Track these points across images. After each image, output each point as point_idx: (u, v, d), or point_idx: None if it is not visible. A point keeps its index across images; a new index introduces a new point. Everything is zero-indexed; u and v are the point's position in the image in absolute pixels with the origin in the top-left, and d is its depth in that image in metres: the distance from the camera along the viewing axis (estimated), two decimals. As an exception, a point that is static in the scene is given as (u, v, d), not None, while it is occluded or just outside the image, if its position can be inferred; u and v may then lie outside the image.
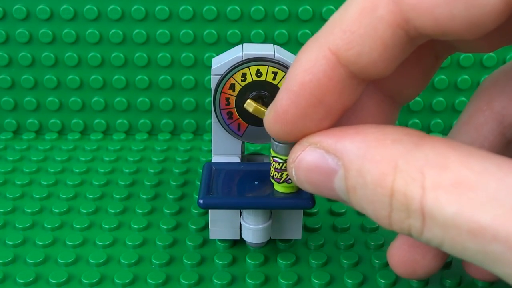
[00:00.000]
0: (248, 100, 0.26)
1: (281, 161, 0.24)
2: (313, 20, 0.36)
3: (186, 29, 0.36)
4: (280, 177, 0.24)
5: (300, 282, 0.26)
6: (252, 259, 0.27)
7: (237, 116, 0.27)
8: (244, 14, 0.36)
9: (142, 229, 0.29)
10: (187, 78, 0.37)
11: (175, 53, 0.36)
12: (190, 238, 0.29)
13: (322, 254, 0.28)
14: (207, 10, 0.35)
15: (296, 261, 0.27)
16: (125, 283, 0.26)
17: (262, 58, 0.26)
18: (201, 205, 0.24)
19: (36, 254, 0.27)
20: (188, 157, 0.36)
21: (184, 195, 0.32)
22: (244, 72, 0.26)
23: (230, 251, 0.28)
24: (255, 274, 0.26)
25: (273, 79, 0.26)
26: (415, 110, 0.38)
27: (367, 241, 0.29)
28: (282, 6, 0.35)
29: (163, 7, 0.35)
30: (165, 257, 0.27)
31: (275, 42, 0.36)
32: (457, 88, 0.37)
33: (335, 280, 0.26)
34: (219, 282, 0.26)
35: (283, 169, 0.24)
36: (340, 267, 0.27)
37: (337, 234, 0.29)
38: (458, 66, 0.37)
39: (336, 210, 0.31)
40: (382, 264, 0.27)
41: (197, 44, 0.36)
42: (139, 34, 0.36)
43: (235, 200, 0.25)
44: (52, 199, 0.32)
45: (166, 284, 0.26)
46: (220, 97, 0.26)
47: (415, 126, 0.38)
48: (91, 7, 0.35)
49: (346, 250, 0.28)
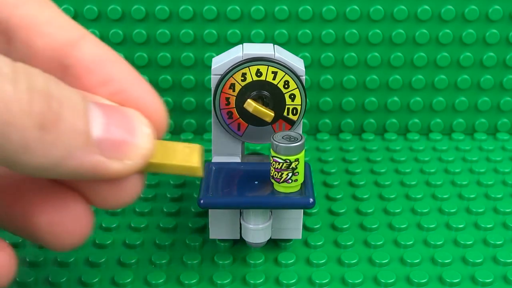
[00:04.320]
0: (248, 100, 0.26)
1: (281, 161, 0.24)
2: (313, 20, 0.36)
3: (186, 29, 0.36)
4: (280, 177, 0.24)
5: (300, 282, 0.26)
6: (252, 259, 0.27)
7: (237, 116, 0.27)
8: (244, 14, 0.36)
9: (142, 229, 0.29)
10: (187, 78, 0.37)
11: (175, 53, 0.36)
12: (190, 238, 0.29)
13: (322, 254, 0.28)
14: (207, 10, 0.35)
15: (296, 261, 0.27)
16: (125, 283, 0.26)
17: (262, 58, 0.26)
18: (202, 205, 0.24)
19: (36, 254, 0.27)
20: (188, 157, 0.36)
21: (184, 195, 0.32)
22: (244, 72, 0.26)
23: (230, 251, 0.28)
24: (255, 274, 0.26)
25: (273, 79, 0.26)
26: (415, 110, 0.38)
27: (367, 240, 0.29)
28: (282, 6, 0.35)
29: (163, 7, 0.35)
30: (165, 257, 0.27)
31: (275, 42, 0.36)
32: (457, 88, 0.37)
33: (335, 280, 0.26)
34: (219, 282, 0.26)
35: (283, 169, 0.24)
36: (340, 267, 0.27)
37: (337, 234, 0.29)
38: (458, 66, 0.37)
39: (336, 210, 0.31)
40: (382, 264, 0.27)
41: (197, 44, 0.36)
42: (139, 34, 0.36)
43: (235, 199, 0.25)
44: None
45: (166, 284, 0.26)
46: (220, 97, 0.26)
47: (415, 126, 0.38)
48: (91, 7, 0.35)
49: (346, 250, 0.28)
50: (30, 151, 0.18)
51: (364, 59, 0.37)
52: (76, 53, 0.21)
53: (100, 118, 0.20)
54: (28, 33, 0.21)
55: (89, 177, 0.20)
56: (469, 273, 0.27)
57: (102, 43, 0.22)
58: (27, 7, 0.21)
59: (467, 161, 0.35)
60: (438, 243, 0.28)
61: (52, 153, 0.18)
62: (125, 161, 0.20)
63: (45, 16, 0.21)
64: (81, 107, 0.19)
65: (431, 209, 0.31)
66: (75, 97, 0.19)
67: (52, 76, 0.19)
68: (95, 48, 0.21)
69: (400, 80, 0.37)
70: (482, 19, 0.36)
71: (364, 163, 0.35)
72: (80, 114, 0.19)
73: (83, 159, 0.19)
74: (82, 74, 0.21)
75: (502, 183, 0.33)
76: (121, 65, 0.21)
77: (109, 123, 0.20)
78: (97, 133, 0.19)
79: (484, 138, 0.38)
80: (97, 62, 0.21)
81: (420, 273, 0.26)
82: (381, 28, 0.36)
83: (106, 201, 0.21)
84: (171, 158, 0.21)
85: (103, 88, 0.21)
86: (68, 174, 0.19)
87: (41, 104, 0.18)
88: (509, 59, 0.37)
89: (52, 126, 0.18)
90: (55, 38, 0.21)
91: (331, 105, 0.37)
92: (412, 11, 0.36)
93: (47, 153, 0.18)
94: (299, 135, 0.24)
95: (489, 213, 0.31)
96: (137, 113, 0.21)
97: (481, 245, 0.29)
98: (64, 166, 0.19)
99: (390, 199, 0.32)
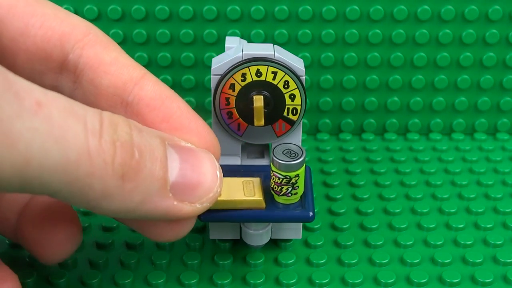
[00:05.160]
0: (259, 96, 0.26)
1: (281, 176, 0.24)
2: (313, 20, 0.36)
3: (186, 29, 0.36)
4: (280, 191, 0.24)
5: (300, 282, 0.26)
6: (252, 259, 0.27)
7: (237, 116, 0.27)
8: (244, 14, 0.36)
9: (142, 229, 0.29)
10: (187, 78, 0.37)
11: (175, 53, 0.36)
12: (190, 238, 0.29)
13: (322, 254, 0.28)
14: (207, 10, 0.35)
15: (296, 261, 0.27)
16: (125, 283, 0.26)
17: (262, 58, 0.26)
18: (201, 219, 0.24)
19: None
20: (188, 157, 0.36)
21: (184, 195, 0.32)
22: (244, 72, 0.26)
23: (230, 251, 0.28)
24: (255, 274, 0.26)
25: (273, 79, 0.26)
26: (415, 110, 0.38)
27: (367, 240, 0.29)
28: (282, 6, 0.35)
29: (163, 7, 0.35)
30: (165, 257, 0.27)
31: (275, 42, 0.36)
32: (457, 88, 0.37)
33: (335, 280, 0.26)
34: (219, 282, 0.26)
35: (283, 183, 0.24)
36: (340, 267, 0.27)
37: (337, 234, 0.29)
38: (458, 66, 0.37)
39: (336, 210, 0.31)
40: (382, 264, 0.27)
41: (197, 44, 0.36)
42: (139, 34, 0.36)
43: (235, 213, 0.24)
44: (52, 199, 0.32)
45: (166, 284, 0.26)
46: (220, 97, 0.27)
47: (415, 126, 0.38)
48: (91, 7, 0.35)
49: (346, 250, 0.28)
50: (110, 198, 0.19)
51: (364, 59, 0.37)
52: (138, 91, 0.22)
53: (176, 163, 0.20)
54: (94, 73, 0.22)
55: (160, 218, 0.21)
56: (469, 273, 0.27)
57: (161, 82, 0.23)
58: (94, 49, 0.22)
59: (467, 161, 0.35)
60: (438, 243, 0.28)
61: (131, 199, 0.19)
62: (195, 204, 0.21)
63: (111, 56, 0.22)
64: (161, 154, 0.20)
65: (431, 209, 0.31)
66: (155, 143, 0.20)
67: (134, 123, 0.20)
68: (155, 86, 0.22)
69: (400, 80, 0.37)
70: (482, 19, 0.36)
71: (364, 163, 0.35)
72: (159, 161, 0.20)
73: (159, 204, 0.20)
74: (143, 111, 0.22)
75: (502, 183, 0.33)
76: (179, 102, 0.23)
77: (184, 168, 0.21)
78: (172, 178, 0.20)
79: (484, 138, 0.38)
80: (158, 99, 0.22)
81: (420, 273, 0.26)
82: (381, 28, 0.36)
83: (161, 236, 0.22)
84: (235, 194, 0.24)
85: (164, 124, 0.22)
86: (141, 216, 0.20)
87: (123, 155, 0.19)
88: (509, 59, 0.37)
89: (133, 175, 0.19)
90: (119, 77, 0.22)
91: (331, 105, 0.37)
92: (412, 11, 0.36)
93: (126, 199, 0.19)
94: (299, 149, 0.24)
95: (489, 213, 0.31)
96: (210, 156, 0.22)
97: (481, 245, 0.29)
98: (140, 210, 0.20)
99: (390, 199, 0.32)
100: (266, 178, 0.25)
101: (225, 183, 0.24)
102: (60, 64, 0.22)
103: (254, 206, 0.24)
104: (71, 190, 0.18)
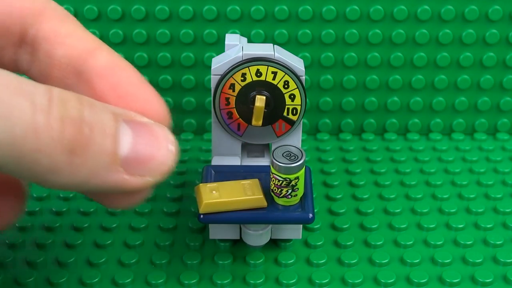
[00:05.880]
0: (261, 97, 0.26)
1: (281, 179, 0.24)
2: (313, 20, 0.36)
3: (186, 29, 0.36)
4: (279, 193, 0.24)
5: (300, 282, 0.26)
6: (252, 259, 0.27)
7: (237, 116, 0.27)
8: (244, 14, 0.36)
9: (142, 229, 0.29)
10: (187, 78, 0.37)
11: (175, 53, 0.36)
12: (190, 238, 0.29)
13: (322, 254, 0.28)
14: (207, 10, 0.35)
15: (296, 261, 0.27)
16: (125, 283, 0.26)
17: (262, 58, 0.26)
18: (201, 220, 0.24)
19: (36, 254, 0.27)
20: (188, 157, 0.36)
21: (184, 195, 0.32)
22: (244, 72, 0.26)
23: (230, 251, 0.28)
24: (255, 274, 0.26)
25: (272, 79, 0.26)
26: (415, 110, 0.38)
27: (367, 240, 0.29)
28: (282, 6, 0.35)
29: (163, 7, 0.35)
30: (165, 257, 0.27)
31: (275, 42, 0.36)
32: (457, 88, 0.37)
33: (335, 280, 0.26)
34: (219, 282, 0.26)
35: (283, 186, 0.24)
36: (340, 267, 0.27)
37: (337, 234, 0.29)
38: (458, 66, 0.37)
39: (336, 210, 0.31)
40: (382, 264, 0.27)
41: (197, 44, 0.36)
42: (139, 34, 0.36)
43: (235, 215, 0.24)
44: (51, 199, 0.32)
45: (166, 284, 0.26)
46: (220, 97, 0.27)
47: (415, 126, 0.38)
48: (91, 7, 0.35)
49: (346, 250, 0.28)
50: (58, 172, 0.19)
51: (364, 59, 0.37)
52: (91, 61, 0.22)
53: (128, 137, 0.20)
54: (50, 44, 0.23)
55: (112, 191, 0.21)
56: (469, 273, 0.27)
57: (116, 53, 0.23)
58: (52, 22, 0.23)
59: (467, 161, 0.35)
60: (438, 243, 0.28)
61: (79, 174, 0.19)
62: (146, 177, 0.21)
63: (67, 29, 0.23)
64: (112, 130, 0.20)
65: (431, 209, 0.31)
66: (107, 118, 0.20)
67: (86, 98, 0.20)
68: (108, 57, 0.23)
69: (400, 80, 0.37)
70: (482, 19, 0.36)
71: (364, 163, 0.35)
72: (110, 136, 0.20)
73: (107, 178, 0.20)
74: (94, 80, 0.22)
75: (502, 183, 0.33)
76: (129, 71, 0.23)
77: (136, 142, 0.21)
78: (123, 152, 0.20)
79: (484, 138, 0.38)
80: (108, 69, 0.22)
81: (420, 273, 0.26)
82: (381, 28, 0.36)
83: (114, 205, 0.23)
84: (236, 195, 0.24)
85: (112, 92, 0.22)
86: (92, 190, 0.20)
87: (72, 131, 0.19)
88: (509, 59, 0.37)
89: (81, 150, 0.19)
90: (74, 48, 0.22)
91: (331, 105, 0.37)
92: (412, 11, 0.36)
93: (74, 174, 0.19)
94: (299, 151, 0.24)
95: (489, 213, 0.31)
96: (165, 130, 0.22)
97: (481, 245, 0.29)
98: (88, 184, 0.20)
99: (390, 199, 0.32)
100: (267, 178, 0.25)
101: (225, 186, 0.25)
102: (19, 39, 0.23)
103: (256, 204, 0.24)
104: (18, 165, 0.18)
